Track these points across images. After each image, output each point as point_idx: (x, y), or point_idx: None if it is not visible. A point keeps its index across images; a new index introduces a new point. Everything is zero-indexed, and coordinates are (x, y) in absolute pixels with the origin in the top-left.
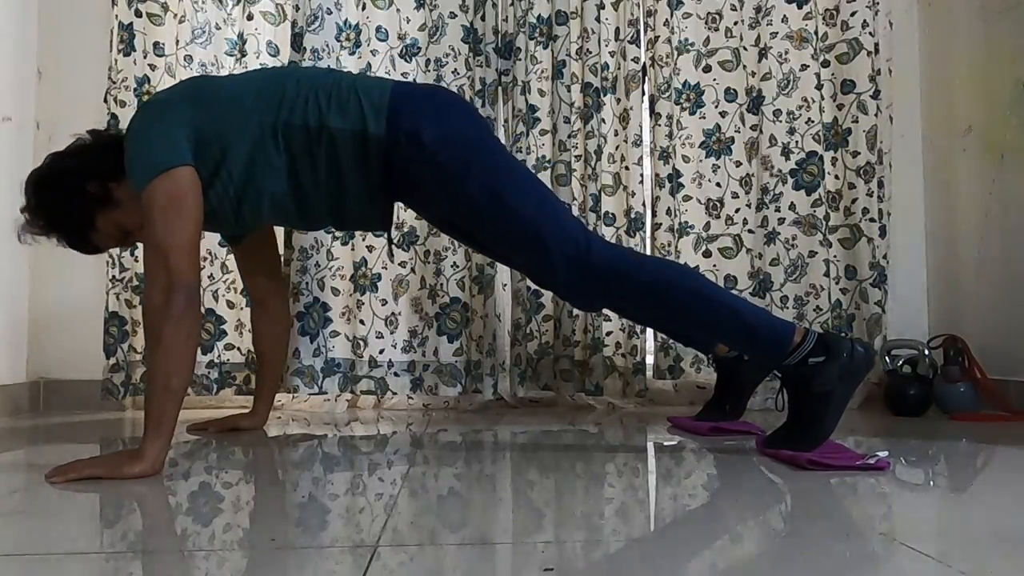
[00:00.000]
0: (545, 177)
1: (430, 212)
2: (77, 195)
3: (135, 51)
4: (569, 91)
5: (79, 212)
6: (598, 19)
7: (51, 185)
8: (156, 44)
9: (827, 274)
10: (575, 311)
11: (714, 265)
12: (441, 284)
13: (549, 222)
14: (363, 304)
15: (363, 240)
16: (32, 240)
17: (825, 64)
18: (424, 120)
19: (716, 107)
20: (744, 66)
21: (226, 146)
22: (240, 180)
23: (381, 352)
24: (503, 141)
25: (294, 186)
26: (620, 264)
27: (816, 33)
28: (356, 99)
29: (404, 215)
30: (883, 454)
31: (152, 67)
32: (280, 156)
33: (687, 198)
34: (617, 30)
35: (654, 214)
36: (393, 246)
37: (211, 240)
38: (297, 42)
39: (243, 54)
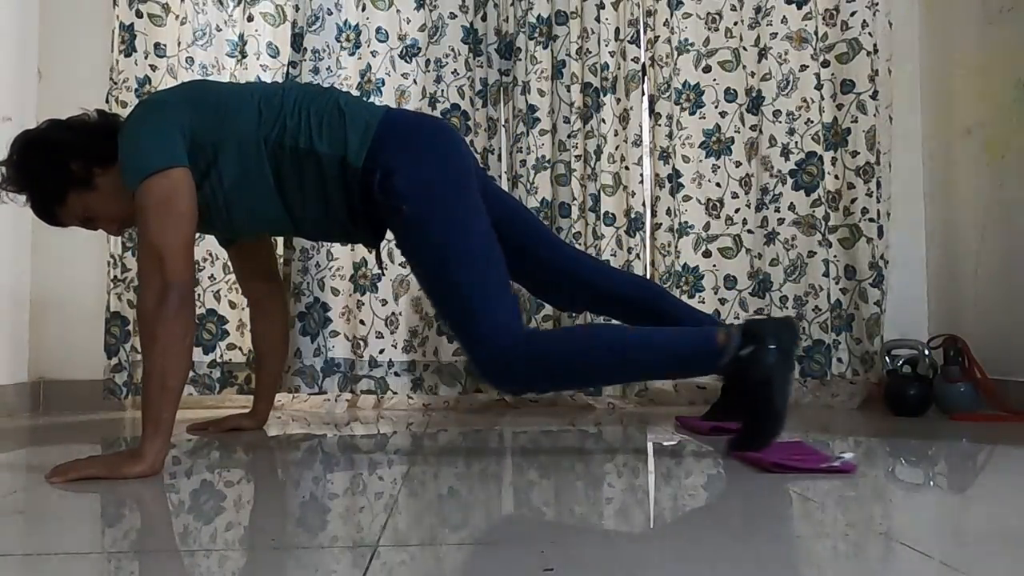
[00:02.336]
0: (545, 177)
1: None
2: (57, 169)
3: (136, 52)
4: (569, 91)
5: (53, 185)
6: (598, 19)
7: (36, 150)
8: (157, 45)
9: (826, 274)
10: (575, 312)
11: (714, 265)
12: None
13: (489, 306)
14: (363, 304)
15: None
16: (6, 199)
17: (825, 64)
18: (401, 161)
19: (716, 107)
20: (744, 66)
21: (218, 151)
22: (230, 185)
23: (381, 352)
24: (503, 141)
25: (282, 199)
26: (545, 356)
27: (816, 33)
28: (343, 126)
29: None
30: (848, 456)
31: (153, 68)
32: (268, 169)
33: (687, 198)
34: (617, 30)
35: (654, 214)
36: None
37: (212, 240)
38: (297, 43)
39: (243, 55)
